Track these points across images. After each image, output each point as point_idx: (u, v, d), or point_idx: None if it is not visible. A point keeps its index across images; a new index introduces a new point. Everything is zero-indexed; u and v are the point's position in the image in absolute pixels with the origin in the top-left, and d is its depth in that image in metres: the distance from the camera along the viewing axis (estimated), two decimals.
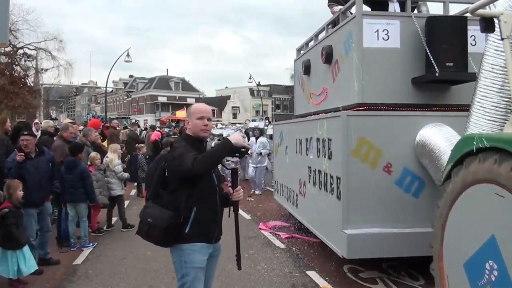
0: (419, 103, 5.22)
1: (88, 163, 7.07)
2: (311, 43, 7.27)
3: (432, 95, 5.30)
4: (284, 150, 7.83)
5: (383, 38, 5.16)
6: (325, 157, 5.31)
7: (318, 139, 5.60)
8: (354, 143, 4.70)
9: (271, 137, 13.53)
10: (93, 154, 7.25)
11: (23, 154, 5.26)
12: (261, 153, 11.81)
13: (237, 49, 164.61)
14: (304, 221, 6.42)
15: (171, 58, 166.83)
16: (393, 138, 4.81)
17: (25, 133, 5.50)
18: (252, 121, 22.49)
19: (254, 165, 11.67)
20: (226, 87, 71.43)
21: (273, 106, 66.92)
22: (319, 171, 5.55)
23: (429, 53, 4.97)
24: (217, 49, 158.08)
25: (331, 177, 5.06)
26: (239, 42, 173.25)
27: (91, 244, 6.64)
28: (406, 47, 5.18)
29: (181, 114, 29.97)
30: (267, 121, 21.03)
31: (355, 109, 5.09)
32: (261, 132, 12.53)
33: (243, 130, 16.64)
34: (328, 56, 5.94)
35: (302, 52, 7.89)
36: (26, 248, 4.80)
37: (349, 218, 4.66)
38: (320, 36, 6.79)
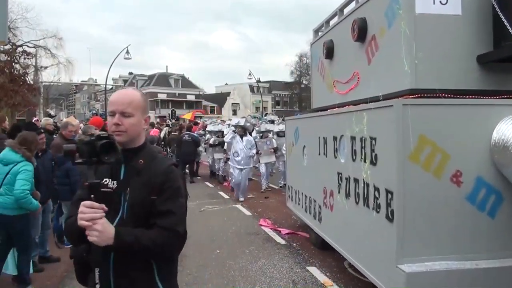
0: (487, 88, 3.94)
1: None
2: (334, 20, 5.93)
3: (503, 78, 4.01)
4: (300, 150, 6.50)
5: (440, 1, 3.87)
6: (365, 161, 3.98)
7: (353, 138, 4.27)
8: (413, 144, 3.37)
9: (278, 134, 12.33)
10: None
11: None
12: (253, 155, 10.76)
13: (235, 45, 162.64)
14: (333, 242, 5.06)
15: (169, 55, 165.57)
16: (463, 136, 3.49)
17: (42, 131, 5.68)
18: (254, 118, 21.16)
19: (239, 167, 10.32)
20: (226, 84, 70.35)
21: (273, 102, 66.08)
22: (356, 180, 4.22)
23: (504, 21, 3.67)
24: (215, 46, 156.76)
25: (376, 189, 3.74)
26: (236, 39, 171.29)
27: None
28: (470, 14, 3.90)
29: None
30: (270, 117, 19.53)
31: (405, 97, 3.77)
32: (244, 130, 10.93)
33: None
34: (362, 32, 4.63)
35: (320, 33, 6.58)
36: None
37: (405, 248, 3.33)
38: (346, 11, 5.49)
